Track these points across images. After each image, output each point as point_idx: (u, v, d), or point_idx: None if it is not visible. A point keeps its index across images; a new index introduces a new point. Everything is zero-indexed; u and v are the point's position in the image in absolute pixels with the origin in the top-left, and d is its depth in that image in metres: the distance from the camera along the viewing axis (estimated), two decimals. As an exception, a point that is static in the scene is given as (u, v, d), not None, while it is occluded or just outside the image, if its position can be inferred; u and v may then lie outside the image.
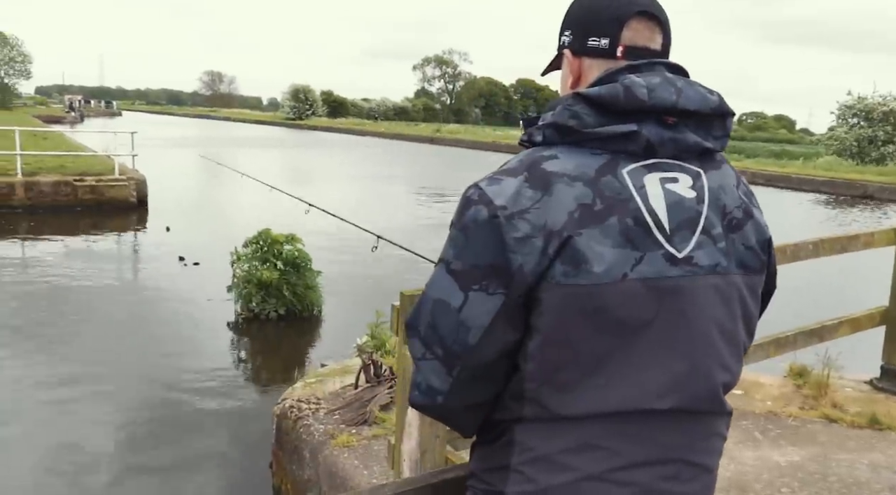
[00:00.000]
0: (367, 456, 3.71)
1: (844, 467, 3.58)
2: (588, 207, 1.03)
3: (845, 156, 35.78)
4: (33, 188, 15.58)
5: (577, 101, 1.09)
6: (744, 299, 1.15)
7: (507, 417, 1.13)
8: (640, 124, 1.07)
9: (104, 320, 8.39)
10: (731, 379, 1.17)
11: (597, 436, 1.08)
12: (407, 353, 2.47)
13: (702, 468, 1.15)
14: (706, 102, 1.11)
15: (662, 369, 1.08)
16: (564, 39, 1.23)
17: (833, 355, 4.67)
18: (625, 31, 1.15)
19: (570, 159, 1.07)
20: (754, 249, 1.15)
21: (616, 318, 1.04)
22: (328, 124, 77.72)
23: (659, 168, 1.09)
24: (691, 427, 1.13)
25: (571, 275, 1.02)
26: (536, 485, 1.09)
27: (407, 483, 1.34)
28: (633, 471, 1.08)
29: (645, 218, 1.05)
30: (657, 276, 1.05)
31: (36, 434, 5.50)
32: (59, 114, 66.08)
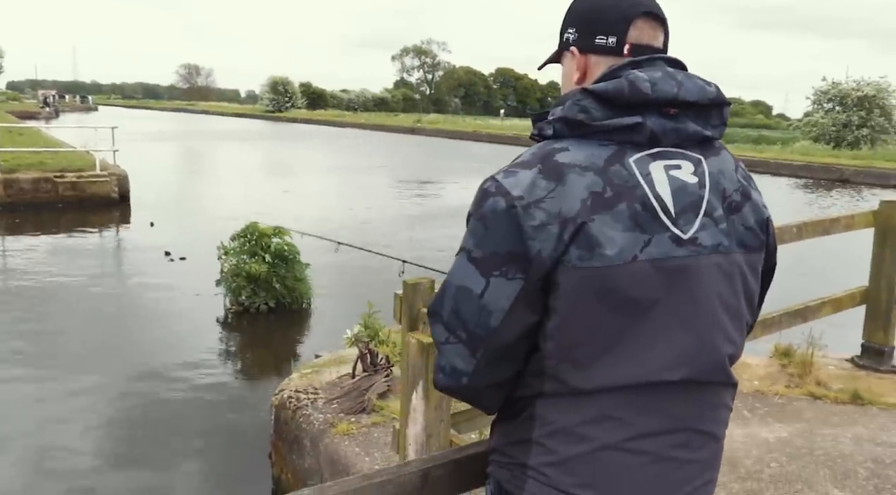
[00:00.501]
0: (367, 443, 3.78)
1: (829, 441, 3.72)
2: (599, 195, 1.11)
3: (823, 141, 36.27)
4: (13, 185, 15.41)
5: (585, 96, 1.17)
6: (745, 276, 1.23)
7: (528, 393, 1.21)
8: (644, 116, 1.15)
9: (91, 316, 8.36)
10: (736, 351, 1.25)
11: (612, 408, 1.16)
12: (411, 340, 2.56)
13: (710, 436, 1.23)
14: (704, 93, 1.19)
15: (672, 343, 1.16)
16: (569, 36, 1.30)
17: (816, 334, 4.81)
18: (631, 30, 1.23)
19: (580, 151, 1.15)
20: (753, 229, 1.23)
21: (628, 297, 1.12)
22: (308, 116, 77.27)
23: (663, 156, 1.17)
24: (700, 397, 1.21)
25: (586, 259, 1.10)
26: (557, 456, 1.17)
27: (432, 459, 1.41)
28: (646, 440, 1.16)
29: (652, 203, 1.13)
30: (664, 257, 1.13)
31: (25, 431, 5.49)
32: (33, 109, 65.00)
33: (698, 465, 1.22)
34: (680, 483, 1.19)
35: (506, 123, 62.81)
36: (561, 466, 1.17)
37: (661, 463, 1.17)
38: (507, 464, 1.25)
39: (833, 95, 36.78)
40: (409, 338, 2.53)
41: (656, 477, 1.17)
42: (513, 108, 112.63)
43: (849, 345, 5.06)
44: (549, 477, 1.17)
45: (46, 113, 62.66)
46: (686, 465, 1.20)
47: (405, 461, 1.43)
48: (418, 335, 2.51)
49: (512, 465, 1.23)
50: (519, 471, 1.21)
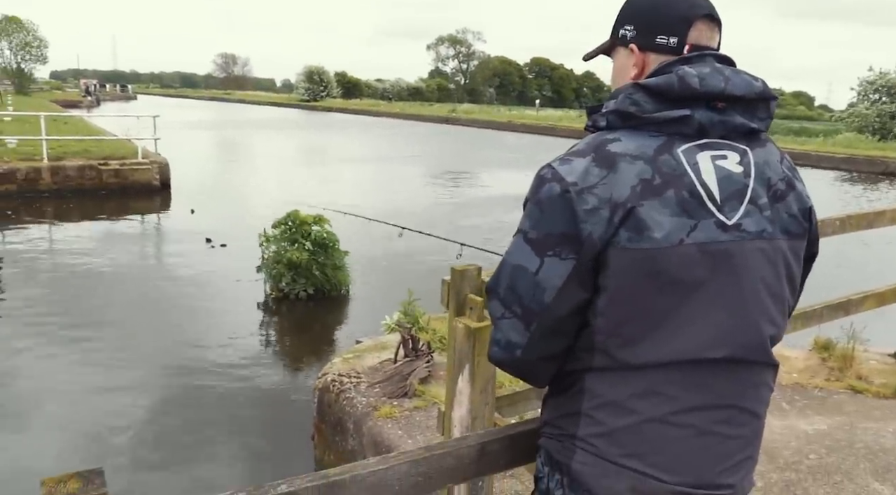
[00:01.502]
0: (409, 426, 3.88)
1: (870, 435, 3.71)
2: (648, 182, 1.19)
3: (867, 133, 35.40)
4: (59, 172, 15.85)
5: (637, 90, 1.24)
6: (788, 261, 1.29)
7: (578, 367, 1.28)
8: (693, 109, 1.22)
9: (135, 301, 8.60)
10: (777, 332, 1.31)
11: (658, 383, 1.23)
12: (458, 325, 2.63)
13: (752, 414, 1.29)
14: (751, 88, 1.26)
15: (716, 323, 1.22)
16: (626, 33, 1.36)
17: (858, 328, 4.78)
18: (692, 32, 1.30)
19: (631, 141, 1.22)
20: (796, 217, 1.29)
21: (674, 278, 1.19)
22: (343, 105, 77.71)
23: (710, 147, 1.24)
24: (742, 376, 1.27)
25: (635, 241, 1.17)
26: (604, 427, 1.25)
27: (488, 433, 1.49)
28: (690, 415, 1.23)
29: (698, 190, 1.20)
30: (710, 241, 1.19)
31: (73, 412, 5.69)
32: (75, 98, 66.42)
33: (740, 441, 1.28)
34: (722, 457, 1.25)
35: (541, 114, 62.43)
36: (608, 437, 1.24)
37: (703, 436, 1.24)
38: (557, 436, 1.32)
39: (880, 85, 35.87)
40: (457, 323, 2.60)
41: (699, 449, 1.24)
42: (548, 98, 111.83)
43: (892, 340, 5.01)
44: (598, 447, 1.25)
45: (88, 102, 63.97)
46: (728, 440, 1.26)
47: (465, 436, 1.51)
48: (465, 320, 2.58)
49: (562, 436, 1.31)
50: (569, 442, 1.29)
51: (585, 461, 1.26)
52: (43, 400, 5.86)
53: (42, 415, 5.63)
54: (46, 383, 6.18)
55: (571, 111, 77.89)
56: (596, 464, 1.25)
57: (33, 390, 6.03)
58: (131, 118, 20.21)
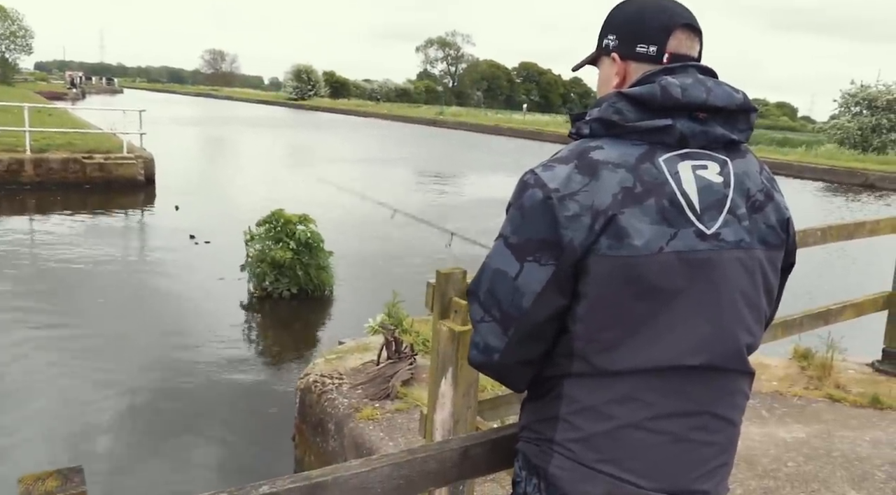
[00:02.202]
0: (391, 428, 3.88)
1: (847, 443, 3.76)
2: (629, 190, 1.20)
3: (847, 145, 35.83)
4: (42, 165, 15.68)
5: (620, 99, 1.26)
6: (765, 271, 1.30)
7: (556, 373, 1.30)
8: (675, 119, 1.24)
9: (116, 297, 8.53)
10: (754, 341, 1.33)
11: (636, 389, 1.24)
12: (441, 328, 2.63)
13: (727, 421, 1.31)
14: (732, 100, 1.28)
15: (693, 330, 1.24)
16: (609, 43, 1.38)
17: (836, 338, 4.84)
18: (671, 40, 1.32)
19: (613, 149, 1.24)
20: (774, 228, 1.31)
21: (653, 286, 1.20)
22: (330, 105, 77.50)
23: (691, 157, 1.26)
24: (718, 383, 1.29)
25: (615, 248, 1.19)
26: (582, 432, 1.26)
27: (471, 437, 1.49)
28: (666, 421, 1.25)
29: (679, 199, 1.22)
30: (689, 250, 1.21)
31: (49, 410, 5.63)
32: (60, 90, 65.75)
33: (715, 448, 1.29)
34: (697, 463, 1.27)
35: (528, 118, 62.65)
36: (585, 442, 1.25)
37: (679, 443, 1.25)
38: (535, 440, 1.33)
39: (861, 98, 36.34)
40: (440, 326, 2.60)
41: (675, 456, 1.25)
42: (535, 103, 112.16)
43: (869, 350, 5.08)
44: (574, 452, 1.26)
45: (73, 94, 63.34)
46: (703, 447, 1.27)
47: (448, 439, 1.52)
48: (449, 323, 2.58)
49: (539, 441, 1.32)
50: (546, 447, 1.30)
51: (562, 466, 1.27)
52: (19, 397, 5.79)
53: (18, 413, 5.55)
54: (24, 379, 6.10)
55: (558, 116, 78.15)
56: (573, 469, 1.26)
57: (10, 387, 5.95)
58: (117, 112, 20.02)
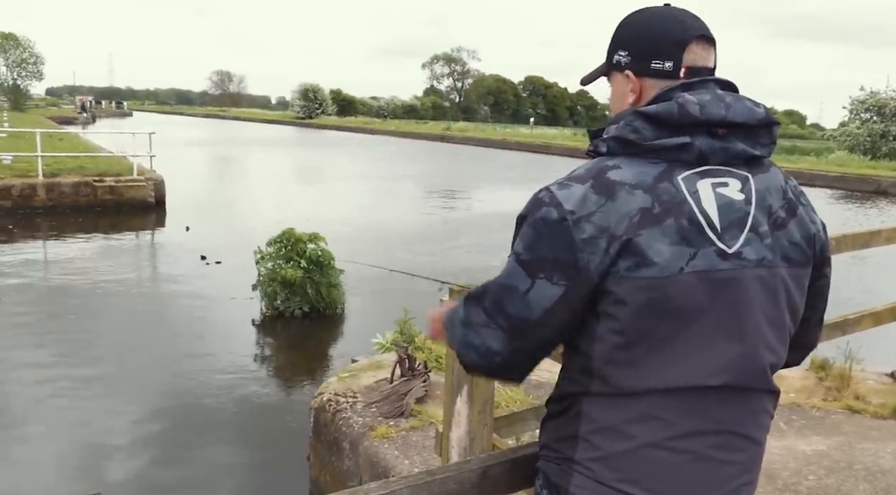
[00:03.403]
0: (406, 446, 3.85)
1: (869, 456, 3.70)
2: (648, 211, 1.18)
3: (858, 152, 35.67)
4: (54, 189, 15.81)
5: (637, 118, 1.24)
6: (789, 290, 1.27)
7: (576, 391, 1.28)
8: (693, 136, 1.21)
9: (129, 318, 8.55)
10: (777, 360, 1.30)
11: (656, 409, 1.22)
12: (456, 346, 2.61)
13: (750, 440, 1.29)
14: (752, 115, 1.25)
15: (715, 350, 1.22)
16: (621, 59, 1.35)
17: (854, 348, 4.78)
18: (686, 54, 1.29)
19: (630, 169, 1.21)
20: (799, 244, 1.28)
21: (675, 307, 1.18)
22: (338, 123, 77.98)
23: (710, 174, 1.23)
24: (741, 403, 1.26)
25: (633, 270, 1.17)
26: (602, 452, 1.24)
27: (491, 457, 1.47)
28: (687, 440, 1.22)
29: (698, 218, 1.19)
30: (710, 269, 1.18)
31: (65, 430, 5.63)
32: (70, 115, 66.50)
33: (737, 467, 1.26)
34: (718, 482, 1.25)
35: (535, 132, 62.79)
36: (605, 461, 1.23)
37: (700, 462, 1.23)
38: (555, 459, 1.32)
39: (871, 105, 36.20)
40: (455, 344, 2.59)
41: (696, 475, 1.23)
42: (542, 116, 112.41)
43: (888, 360, 5.02)
44: (594, 471, 1.24)
45: (84, 118, 64.01)
46: (725, 466, 1.25)
47: (467, 460, 1.50)
48: (463, 340, 2.57)
49: (560, 460, 1.30)
50: (566, 466, 1.29)
51: (583, 485, 1.25)
52: (36, 419, 5.80)
53: (36, 435, 5.56)
54: (40, 401, 6.12)
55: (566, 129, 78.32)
56: (593, 489, 1.24)
57: (27, 408, 5.97)
58: (126, 135, 20.21)
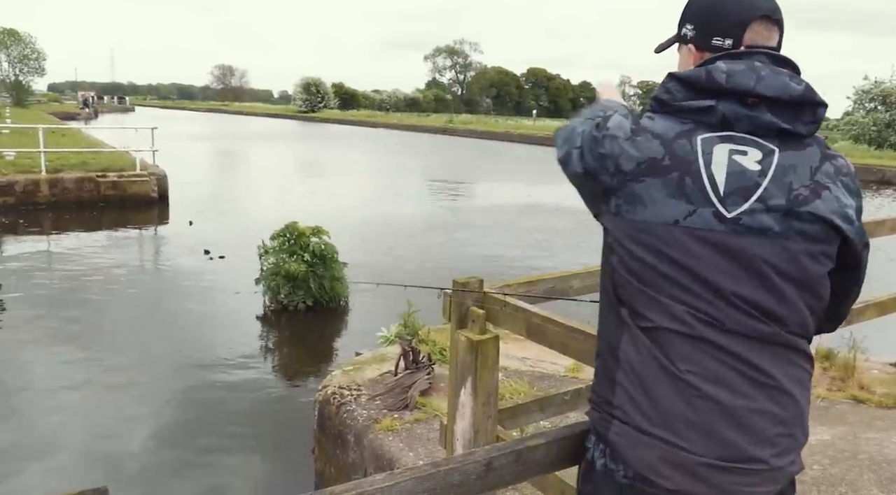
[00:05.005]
0: (410, 439, 3.86)
1: (874, 446, 3.70)
2: (657, 161, 1.28)
3: (863, 141, 35.52)
4: (57, 185, 15.82)
5: (671, 80, 1.35)
6: (799, 262, 1.27)
7: (613, 329, 1.36)
8: (720, 101, 1.28)
9: (133, 313, 8.57)
10: (769, 327, 1.30)
11: (687, 356, 1.27)
12: (459, 338, 2.62)
13: (782, 391, 1.28)
14: (786, 90, 1.27)
15: (703, 298, 1.27)
16: (687, 33, 1.44)
17: (858, 338, 4.77)
18: (747, 34, 1.35)
19: (661, 122, 1.33)
20: (820, 222, 1.26)
21: (667, 255, 1.26)
22: (340, 116, 77.90)
23: (732, 140, 1.29)
24: (765, 353, 1.28)
25: (629, 212, 1.29)
26: (634, 397, 1.30)
27: (496, 449, 1.47)
28: (714, 387, 1.26)
29: (703, 179, 1.26)
30: (703, 228, 1.25)
31: (75, 425, 5.66)
32: (73, 110, 66.46)
33: (767, 416, 1.27)
34: (750, 430, 1.26)
35: (538, 124, 62.64)
36: (637, 406, 1.29)
37: (726, 410, 1.26)
38: (597, 405, 1.38)
39: (876, 94, 36.03)
40: (458, 336, 2.59)
41: (728, 422, 1.26)
42: (545, 108, 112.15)
43: (892, 350, 5.01)
44: (630, 415, 1.30)
45: (86, 114, 64.00)
46: (753, 414, 1.26)
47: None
48: (467, 332, 2.57)
49: (601, 405, 1.37)
50: (605, 413, 1.35)
51: (619, 432, 1.32)
52: (43, 414, 5.83)
53: (43, 430, 5.59)
54: (46, 397, 6.14)
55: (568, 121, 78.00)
56: (628, 435, 1.30)
57: (33, 404, 6.00)
58: (129, 130, 20.24)
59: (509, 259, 11.81)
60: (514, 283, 2.67)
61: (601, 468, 1.36)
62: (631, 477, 1.31)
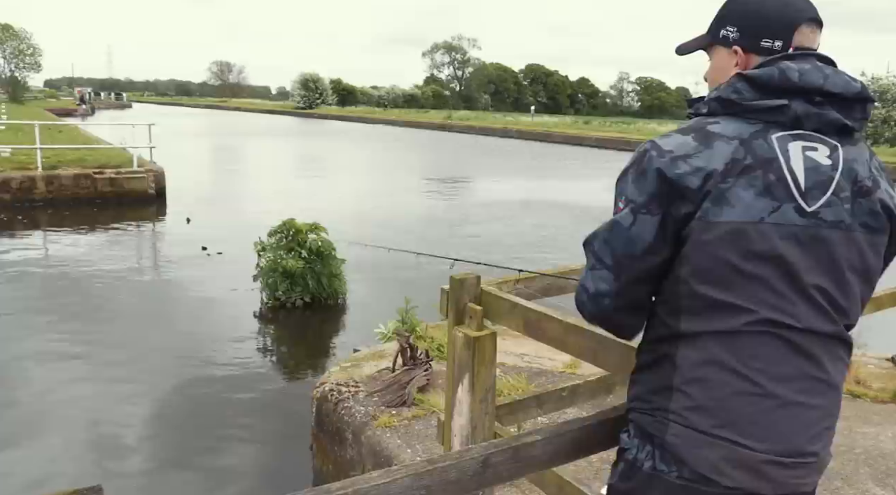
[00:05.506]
0: (408, 435, 3.86)
1: (870, 440, 3.71)
2: (739, 161, 1.28)
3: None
4: (54, 181, 15.79)
5: (740, 80, 1.35)
6: (863, 253, 1.34)
7: (666, 337, 1.36)
8: (791, 100, 1.30)
9: (132, 311, 8.56)
10: (844, 317, 1.36)
11: (744, 357, 1.29)
12: (457, 335, 2.62)
13: (831, 385, 1.34)
14: (849, 87, 1.33)
15: (786, 297, 1.29)
16: (729, 35, 1.43)
17: (854, 333, 4.77)
18: (796, 35, 1.37)
19: (729, 125, 1.32)
20: (879, 213, 1.34)
21: (753, 251, 1.27)
22: (339, 113, 77.83)
23: (802, 138, 1.32)
24: (821, 348, 1.32)
25: (716, 214, 1.27)
26: (696, 401, 1.32)
27: (493, 445, 1.47)
28: (775, 385, 1.29)
29: (785, 176, 1.29)
30: (787, 223, 1.27)
31: (72, 421, 5.66)
32: (70, 106, 66.26)
33: (821, 411, 1.32)
34: (807, 425, 1.31)
35: (536, 120, 62.67)
36: (700, 410, 1.31)
37: (789, 406, 1.29)
38: (649, 410, 1.38)
39: (872, 91, 36.00)
40: (456, 332, 2.59)
41: (786, 418, 1.29)
42: (543, 104, 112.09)
43: (888, 345, 5.02)
44: (690, 419, 1.31)
45: (83, 110, 63.81)
46: (810, 410, 1.31)
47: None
48: (464, 329, 2.57)
49: (654, 410, 1.37)
50: (661, 416, 1.35)
51: (679, 433, 1.32)
52: (40, 411, 5.82)
53: (39, 427, 5.58)
54: (42, 394, 6.13)
55: (567, 117, 78.12)
56: (689, 436, 1.31)
57: (29, 400, 5.99)
58: (126, 126, 20.16)
59: (509, 255, 11.81)
60: (511, 279, 2.67)
61: (649, 469, 1.36)
62: (687, 477, 1.32)
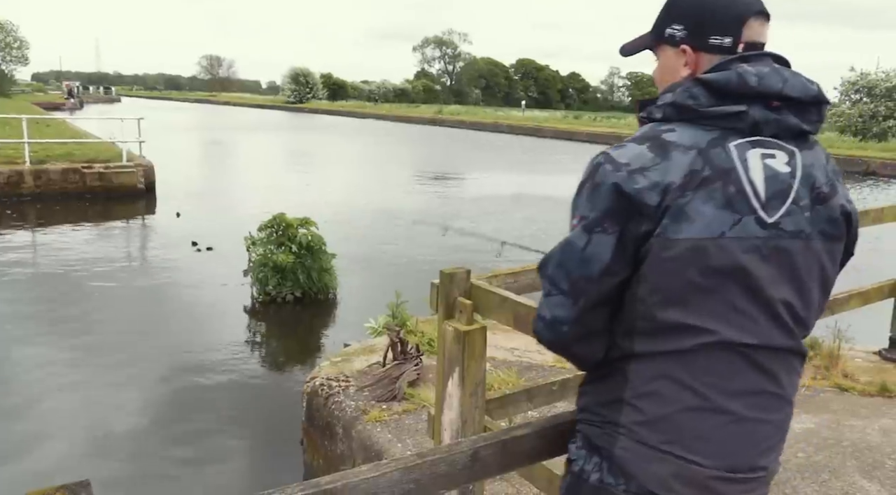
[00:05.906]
0: (399, 429, 3.87)
1: (857, 433, 3.74)
2: (698, 173, 1.22)
3: (849, 133, 35.75)
4: (42, 176, 15.67)
5: (696, 85, 1.28)
6: (822, 263, 1.32)
7: (619, 355, 1.31)
8: (749, 106, 1.25)
9: (121, 306, 8.51)
10: (803, 328, 1.35)
11: (697, 372, 1.25)
12: (447, 329, 2.62)
13: (785, 400, 1.32)
14: (807, 91, 1.29)
15: (747, 313, 1.25)
16: (675, 33, 1.37)
17: (842, 327, 4.82)
18: (745, 30, 1.32)
19: (685, 133, 1.26)
20: (837, 220, 1.31)
21: (713, 268, 1.22)
22: (329, 107, 77.60)
23: (761, 145, 1.27)
24: (775, 363, 1.30)
25: (675, 231, 1.20)
26: (646, 415, 1.28)
27: (482, 439, 1.47)
28: (728, 401, 1.26)
29: (744, 187, 1.23)
30: (748, 236, 1.23)
31: (60, 416, 5.63)
32: (58, 100, 65.71)
33: (772, 426, 1.31)
34: (758, 441, 1.29)
35: (527, 115, 62.70)
36: (650, 425, 1.27)
37: (741, 422, 1.27)
38: (598, 422, 1.35)
39: (861, 86, 36.23)
40: (446, 326, 2.59)
41: (737, 435, 1.27)
42: (534, 99, 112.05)
43: (876, 339, 5.06)
44: (640, 434, 1.28)
45: (71, 104, 63.24)
46: (762, 425, 1.29)
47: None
48: (454, 323, 2.57)
49: (603, 423, 1.33)
50: (610, 429, 1.32)
51: (628, 447, 1.29)
52: (27, 405, 5.79)
53: (27, 421, 5.55)
54: (30, 388, 6.10)
55: (557, 112, 78.16)
56: (638, 451, 1.28)
57: (18, 395, 5.96)
58: (115, 120, 20.02)
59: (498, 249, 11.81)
60: (501, 274, 2.67)
61: (595, 482, 1.33)
62: (634, 491, 1.29)
